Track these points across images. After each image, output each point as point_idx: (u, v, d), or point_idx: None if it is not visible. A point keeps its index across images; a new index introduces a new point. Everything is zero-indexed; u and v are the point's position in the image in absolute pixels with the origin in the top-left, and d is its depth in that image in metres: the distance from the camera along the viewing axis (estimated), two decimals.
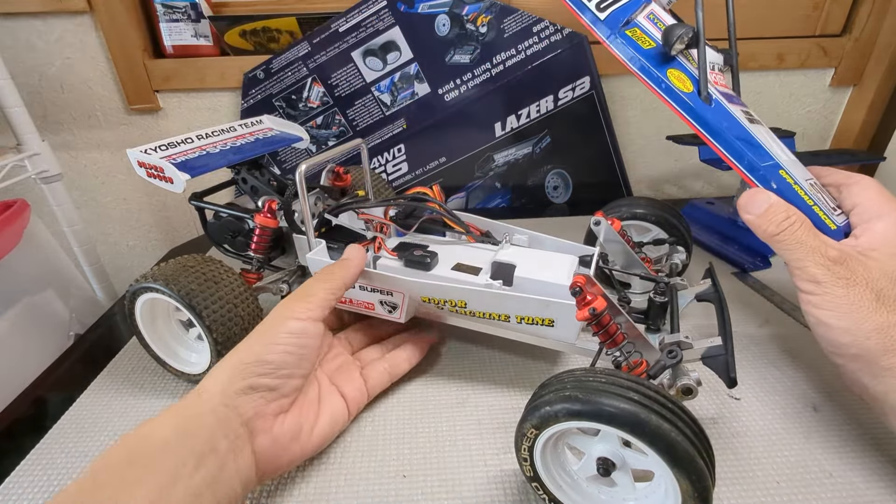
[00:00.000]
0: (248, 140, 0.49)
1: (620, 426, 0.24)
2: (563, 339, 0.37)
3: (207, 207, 0.49)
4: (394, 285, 0.38)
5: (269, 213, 0.44)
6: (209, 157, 0.44)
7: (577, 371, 0.28)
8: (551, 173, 0.78)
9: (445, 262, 0.40)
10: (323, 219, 0.46)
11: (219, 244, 0.50)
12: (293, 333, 0.31)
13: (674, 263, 0.45)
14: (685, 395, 0.30)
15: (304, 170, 0.38)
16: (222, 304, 0.37)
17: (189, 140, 0.45)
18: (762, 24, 0.75)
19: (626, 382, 0.26)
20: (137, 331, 0.41)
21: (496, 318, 0.37)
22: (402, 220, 0.44)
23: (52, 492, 0.33)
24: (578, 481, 0.30)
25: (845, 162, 0.63)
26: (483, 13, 0.69)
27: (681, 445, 0.23)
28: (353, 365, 0.40)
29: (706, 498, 0.24)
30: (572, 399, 0.25)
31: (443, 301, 0.38)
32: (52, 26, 0.71)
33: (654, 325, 0.40)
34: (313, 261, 0.40)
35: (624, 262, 0.46)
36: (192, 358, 0.42)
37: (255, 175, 0.48)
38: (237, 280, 0.40)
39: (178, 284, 0.36)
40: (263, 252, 0.45)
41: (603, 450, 0.28)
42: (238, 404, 0.29)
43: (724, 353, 0.32)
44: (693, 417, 0.25)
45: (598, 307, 0.32)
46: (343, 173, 0.49)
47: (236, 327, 0.38)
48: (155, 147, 0.43)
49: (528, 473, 0.29)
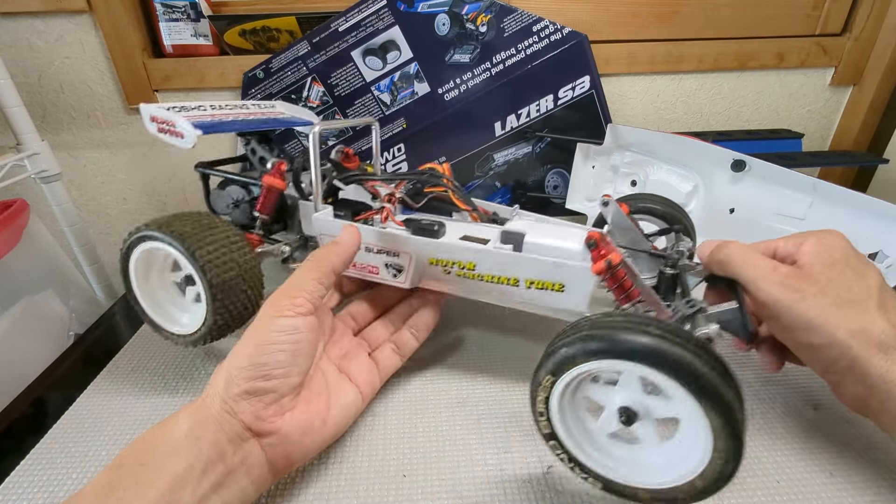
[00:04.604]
0: (259, 117, 0.49)
1: (642, 360, 0.23)
2: (572, 307, 0.36)
3: (213, 173, 0.49)
4: (400, 245, 0.37)
5: (278, 175, 0.43)
6: (222, 123, 0.44)
7: (593, 315, 0.27)
8: (551, 173, 0.78)
9: (453, 233, 0.40)
10: (332, 187, 0.45)
11: (218, 214, 0.49)
12: (283, 331, 0.30)
13: (680, 251, 0.45)
14: (707, 343, 0.30)
15: (318, 130, 0.38)
16: (217, 248, 0.37)
17: (202, 108, 0.45)
18: (762, 24, 0.75)
19: (643, 319, 0.25)
20: (130, 288, 0.41)
21: (504, 282, 0.36)
22: (411, 197, 0.43)
23: (51, 492, 0.33)
24: (599, 439, 0.28)
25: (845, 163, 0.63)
26: (483, 12, 0.69)
27: (708, 375, 0.22)
28: (360, 348, 0.39)
29: (739, 435, 0.23)
30: (589, 338, 0.24)
31: (451, 262, 0.36)
32: (51, 26, 0.71)
33: (666, 299, 0.39)
34: (319, 220, 0.39)
35: (630, 244, 0.46)
36: (184, 319, 0.41)
37: (265, 147, 0.48)
38: (232, 228, 0.39)
39: (171, 227, 0.36)
40: (269, 213, 0.44)
41: (624, 398, 0.26)
42: (237, 410, 0.28)
43: (738, 315, 0.31)
44: (717, 354, 0.24)
45: (613, 260, 0.32)
46: (352, 154, 0.48)
47: (232, 272, 0.37)
48: (168, 107, 0.42)
49: (546, 431, 0.28)
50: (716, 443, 0.23)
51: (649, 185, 0.63)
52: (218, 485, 0.26)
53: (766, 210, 0.54)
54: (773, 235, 0.54)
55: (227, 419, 0.28)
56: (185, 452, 0.26)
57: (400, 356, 0.39)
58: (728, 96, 0.79)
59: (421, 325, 0.41)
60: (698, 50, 0.75)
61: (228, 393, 0.29)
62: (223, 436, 0.27)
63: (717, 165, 0.56)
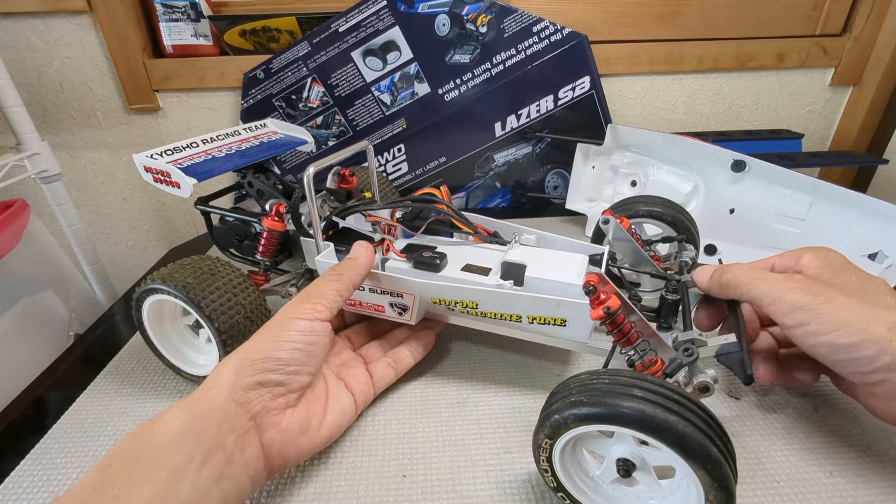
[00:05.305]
0: (252, 144, 0.49)
1: (629, 425, 0.24)
2: (575, 338, 0.36)
3: (213, 211, 0.49)
4: (404, 287, 0.38)
5: (277, 217, 0.43)
6: (215, 162, 0.44)
7: (581, 375, 0.28)
8: (551, 173, 0.78)
9: (454, 262, 0.40)
10: (330, 221, 0.46)
11: (225, 249, 0.49)
12: (302, 331, 0.32)
13: (683, 261, 0.45)
14: (702, 392, 0.30)
15: (312, 173, 0.37)
16: (221, 294, 0.37)
17: (194, 144, 0.45)
18: (762, 24, 0.75)
19: (630, 380, 0.25)
20: (147, 337, 0.41)
21: (507, 318, 0.37)
22: (409, 221, 0.44)
23: (51, 492, 0.33)
24: (603, 486, 0.29)
25: (845, 164, 0.62)
26: (483, 13, 0.69)
27: (691, 436, 0.23)
28: (358, 360, 0.40)
29: (727, 487, 0.23)
30: (578, 404, 0.25)
31: (454, 302, 0.37)
32: (51, 26, 0.71)
33: (666, 323, 0.40)
34: (322, 264, 0.40)
35: (633, 260, 0.46)
36: (201, 360, 0.42)
37: (260, 179, 0.48)
38: (235, 272, 0.39)
39: (174, 280, 0.36)
40: (270, 256, 0.45)
41: (621, 451, 0.27)
42: (246, 399, 0.29)
43: (739, 349, 0.32)
44: (703, 407, 0.25)
45: (612, 306, 0.32)
46: (349, 175, 0.48)
47: (238, 316, 0.37)
48: (160, 152, 0.42)
49: (552, 484, 0.29)
50: (707, 494, 0.24)
51: (649, 185, 0.63)
52: (218, 476, 0.26)
53: (766, 210, 0.54)
54: (774, 235, 0.54)
55: (233, 409, 0.28)
56: (183, 445, 0.25)
57: (395, 371, 0.40)
58: (728, 96, 0.80)
59: (419, 346, 0.42)
60: (698, 50, 0.75)
61: (239, 383, 0.29)
62: (226, 426, 0.27)
63: (717, 166, 0.57)
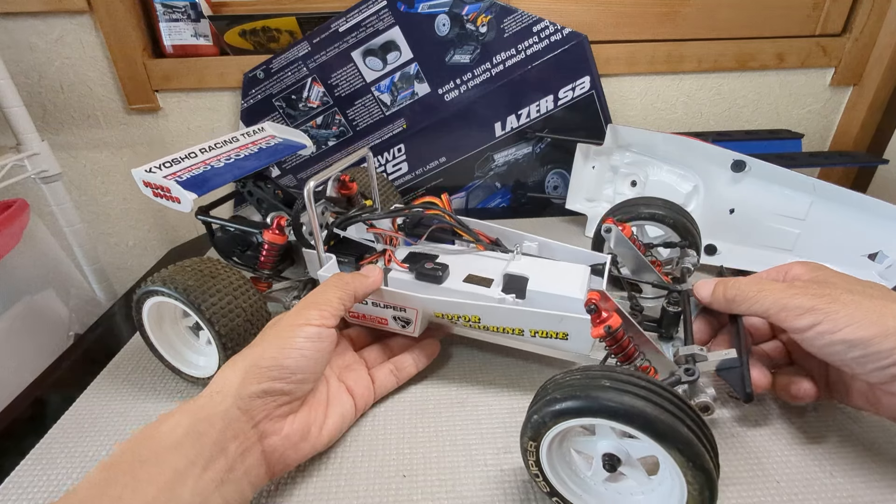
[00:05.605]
0: (251, 151, 0.49)
1: (601, 414, 0.24)
2: (577, 350, 0.37)
3: (215, 222, 0.48)
4: (407, 302, 0.38)
5: (278, 230, 0.43)
6: (214, 173, 0.44)
7: (556, 375, 0.28)
8: (551, 173, 0.78)
9: (456, 273, 0.40)
10: (331, 232, 0.46)
11: (228, 257, 0.49)
12: (310, 338, 0.32)
13: (685, 267, 0.44)
14: (703, 412, 0.30)
15: (313, 186, 0.38)
16: (221, 297, 0.37)
17: (192, 155, 0.45)
18: (762, 24, 0.75)
19: (598, 373, 0.26)
20: (147, 339, 0.41)
21: (510, 331, 0.37)
22: (410, 228, 0.44)
23: (51, 492, 0.33)
24: (595, 486, 0.29)
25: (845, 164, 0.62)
26: (483, 13, 0.69)
27: (659, 419, 0.23)
28: (360, 363, 0.40)
29: (703, 466, 0.23)
30: (553, 401, 0.26)
31: (456, 316, 0.38)
32: (51, 26, 0.71)
33: (667, 333, 0.40)
34: (325, 278, 0.40)
35: (634, 266, 0.45)
36: (201, 362, 0.42)
37: (260, 187, 0.48)
38: (236, 274, 0.39)
39: (175, 282, 0.36)
40: (271, 267, 0.45)
41: (605, 446, 0.27)
42: (250, 407, 0.29)
43: (739, 365, 0.32)
44: (673, 391, 0.25)
45: (613, 324, 0.32)
46: (349, 182, 0.48)
47: (239, 319, 0.37)
48: (159, 165, 0.42)
49: (545, 489, 0.29)
50: (685, 475, 0.24)
51: (649, 185, 0.63)
52: (219, 481, 0.26)
53: (766, 210, 0.54)
54: (773, 235, 0.54)
55: (237, 416, 0.28)
56: (186, 449, 0.26)
57: (396, 379, 0.40)
58: (728, 97, 0.80)
59: (422, 356, 0.42)
60: (698, 50, 0.75)
61: (245, 390, 0.29)
62: (229, 432, 0.27)
63: (717, 166, 0.56)
